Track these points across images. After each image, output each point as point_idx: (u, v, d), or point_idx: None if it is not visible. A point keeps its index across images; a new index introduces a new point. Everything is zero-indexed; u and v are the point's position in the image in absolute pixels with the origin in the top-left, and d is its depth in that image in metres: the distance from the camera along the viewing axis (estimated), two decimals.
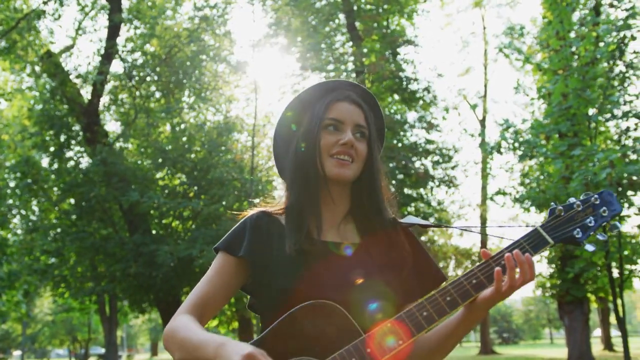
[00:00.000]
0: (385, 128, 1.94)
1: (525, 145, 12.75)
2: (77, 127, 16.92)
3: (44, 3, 16.92)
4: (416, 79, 19.18)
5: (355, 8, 19.26)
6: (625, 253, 12.96)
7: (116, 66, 18.46)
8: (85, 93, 17.34)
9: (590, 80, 11.59)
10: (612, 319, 28.95)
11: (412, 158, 18.49)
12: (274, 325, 1.56)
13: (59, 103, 16.90)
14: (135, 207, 15.16)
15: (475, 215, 28.29)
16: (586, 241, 1.67)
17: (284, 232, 1.74)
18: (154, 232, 16.44)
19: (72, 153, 17.27)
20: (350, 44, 19.35)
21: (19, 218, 19.33)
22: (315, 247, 1.69)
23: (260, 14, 19.43)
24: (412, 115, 19.86)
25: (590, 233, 1.67)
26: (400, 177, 17.91)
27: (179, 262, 14.42)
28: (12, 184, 18.09)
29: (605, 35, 11.82)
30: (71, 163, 17.01)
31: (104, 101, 17.81)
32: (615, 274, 13.16)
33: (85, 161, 16.95)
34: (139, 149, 18.07)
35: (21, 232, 19.60)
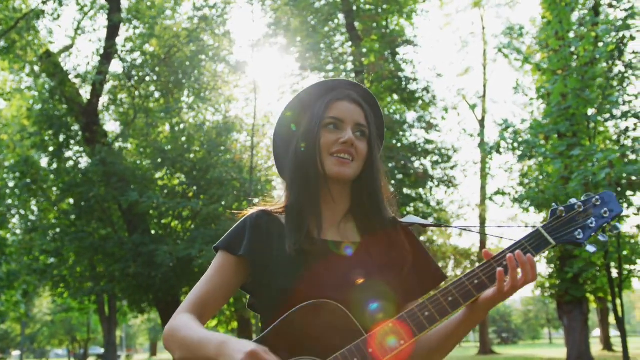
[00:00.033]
0: (384, 128, 1.94)
1: (524, 146, 12.75)
2: (76, 127, 16.91)
3: (43, 3, 16.91)
4: (415, 79, 19.18)
5: (355, 8, 19.25)
6: (625, 253, 12.97)
7: (115, 66, 18.46)
8: (85, 93, 17.33)
9: (589, 80, 11.59)
10: (611, 319, 28.95)
11: (412, 158, 18.49)
12: (275, 325, 1.55)
13: (58, 103, 16.89)
14: (134, 207, 15.15)
15: (474, 216, 28.32)
16: (587, 242, 1.67)
17: (284, 231, 1.73)
18: (153, 232, 16.43)
19: (71, 153, 17.27)
20: (350, 44, 19.35)
21: (18, 218, 19.32)
22: (316, 247, 1.69)
23: (259, 14, 19.48)
24: (412, 115, 19.87)
25: (592, 234, 1.67)
26: (400, 177, 17.91)
27: (178, 262, 14.41)
28: (11, 184, 18.07)
29: (605, 36, 11.82)
30: (70, 163, 16.99)
31: (103, 101, 17.81)
32: (615, 274, 13.17)
33: (85, 161, 16.94)
34: (138, 149, 18.07)
35: (20, 232, 19.58)
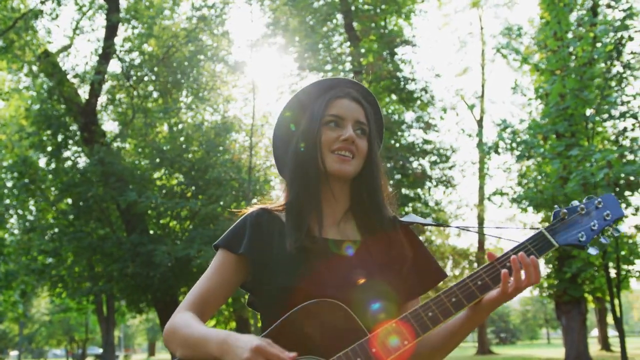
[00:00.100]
0: (384, 127, 1.94)
1: (522, 146, 12.75)
2: (75, 127, 16.89)
3: (42, 3, 16.88)
4: (414, 79, 19.20)
5: (353, 8, 19.26)
6: (623, 253, 12.97)
7: (114, 66, 18.43)
8: (83, 93, 17.31)
9: (587, 80, 11.59)
10: (610, 319, 28.96)
11: (410, 158, 18.50)
12: (277, 324, 1.55)
13: (57, 103, 16.87)
14: (132, 207, 15.14)
15: (472, 216, 28.32)
16: (589, 244, 1.69)
17: (284, 230, 1.73)
18: (151, 232, 16.42)
19: (70, 153, 17.25)
20: (348, 44, 19.36)
21: (16, 218, 19.28)
22: (316, 245, 1.69)
23: (258, 14, 19.54)
24: (410, 116, 19.88)
25: (594, 236, 1.69)
26: (398, 177, 17.92)
27: (176, 262, 14.40)
28: (10, 184, 18.04)
29: (603, 36, 11.83)
30: (68, 163, 16.97)
31: (101, 101, 17.78)
32: (613, 274, 13.17)
33: (83, 161, 16.92)
34: (136, 148, 18.05)
35: (18, 232, 19.54)
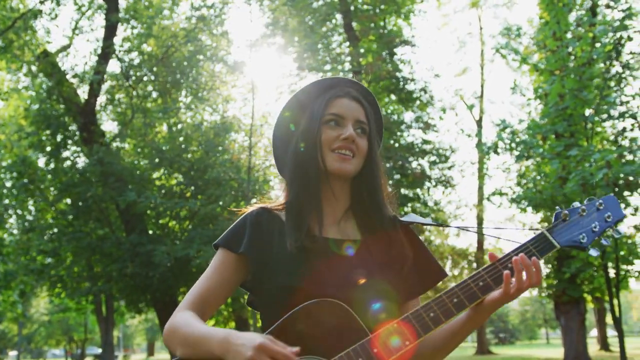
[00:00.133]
0: (383, 126, 1.94)
1: (521, 146, 12.75)
2: (74, 127, 16.87)
3: (41, 2, 16.87)
4: (413, 79, 19.19)
5: (352, 8, 19.26)
6: (622, 253, 12.98)
7: (113, 66, 18.42)
8: (82, 93, 17.30)
9: (586, 80, 11.60)
10: (609, 319, 28.98)
11: (409, 158, 18.49)
12: (278, 324, 1.55)
13: (56, 103, 16.85)
14: (132, 207, 15.13)
15: (471, 216, 28.32)
16: (590, 246, 1.69)
17: (284, 229, 1.73)
18: (150, 232, 16.41)
19: (69, 153, 17.23)
20: (347, 44, 19.35)
21: (15, 218, 19.26)
22: (317, 245, 1.69)
23: (257, 14, 19.52)
24: (409, 116, 19.87)
25: (595, 238, 1.70)
26: (397, 177, 17.91)
27: (175, 262, 14.39)
28: (9, 184, 18.02)
29: (602, 36, 11.83)
30: (68, 163, 16.95)
31: (100, 101, 17.78)
32: (612, 274, 13.18)
33: (82, 161, 16.91)
34: (135, 149, 18.04)
35: (17, 232, 19.52)
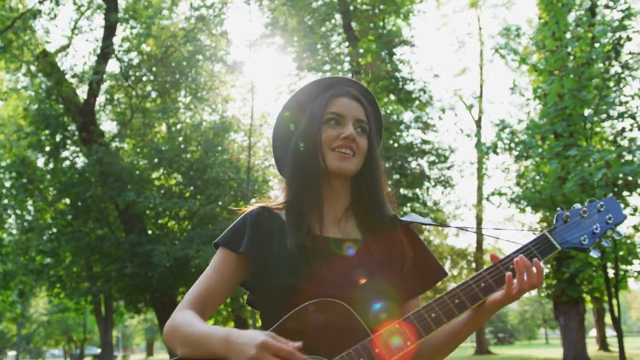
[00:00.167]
0: (383, 126, 1.94)
1: (521, 146, 12.76)
2: (73, 127, 16.86)
3: (40, 2, 16.86)
4: (412, 80, 19.19)
5: (352, 8, 19.26)
6: (621, 253, 12.99)
7: (112, 66, 18.42)
8: (81, 93, 17.29)
9: (586, 80, 11.62)
10: (608, 319, 29.00)
11: (408, 158, 18.49)
12: (279, 323, 1.54)
13: (55, 103, 16.84)
14: (131, 207, 15.12)
15: (471, 216, 28.33)
16: (591, 247, 1.70)
17: (284, 228, 1.73)
18: (149, 232, 16.40)
19: (68, 153, 17.22)
20: (347, 44, 19.35)
21: (14, 218, 19.24)
22: (317, 244, 1.69)
23: (256, 14, 19.49)
24: (408, 116, 19.87)
25: (596, 239, 1.70)
26: (396, 178, 17.92)
27: (175, 262, 14.39)
28: (8, 184, 17.99)
29: (601, 36, 11.85)
30: (67, 163, 16.94)
31: (99, 101, 17.77)
32: (611, 274, 13.19)
33: (81, 161, 16.90)
34: (135, 148, 18.03)
35: (16, 232, 19.50)
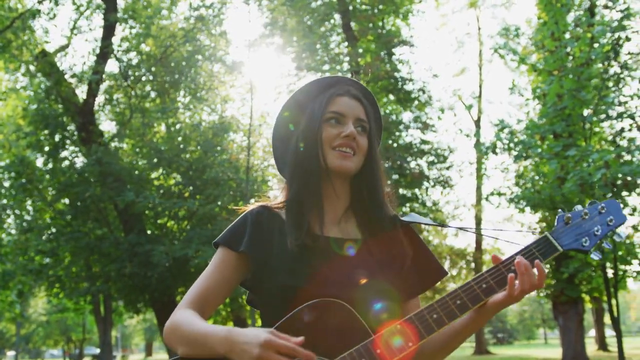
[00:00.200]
0: (382, 125, 1.94)
1: (520, 146, 12.78)
2: (72, 127, 16.85)
3: (39, 2, 16.85)
4: (411, 80, 19.20)
5: (351, 8, 19.27)
6: (620, 253, 13.01)
7: (111, 66, 18.40)
8: (81, 93, 17.28)
9: (585, 81, 11.63)
10: (607, 319, 29.02)
11: (407, 158, 18.50)
12: (280, 323, 1.54)
13: (54, 103, 16.83)
14: (130, 207, 15.11)
15: (470, 216, 28.36)
16: (592, 249, 1.70)
17: (284, 227, 1.73)
18: (149, 232, 16.39)
19: (67, 153, 17.20)
20: (346, 44, 19.36)
21: (13, 218, 19.22)
22: (318, 244, 1.69)
23: (256, 14, 19.43)
24: (407, 116, 19.88)
25: (597, 241, 1.70)
26: (395, 178, 17.92)
27: (174, 262, 14.38)
28: (7, 184, 17.97)
29: (600, 37, 11.86)
30: (66, 163, 16.92)
31: (99, 101, 17.75)
32: (610, 274, 13.21)
33: (80, 161, 16.89)
34: (134, 148, 18.02)
35: (15, 232, 19.48)
